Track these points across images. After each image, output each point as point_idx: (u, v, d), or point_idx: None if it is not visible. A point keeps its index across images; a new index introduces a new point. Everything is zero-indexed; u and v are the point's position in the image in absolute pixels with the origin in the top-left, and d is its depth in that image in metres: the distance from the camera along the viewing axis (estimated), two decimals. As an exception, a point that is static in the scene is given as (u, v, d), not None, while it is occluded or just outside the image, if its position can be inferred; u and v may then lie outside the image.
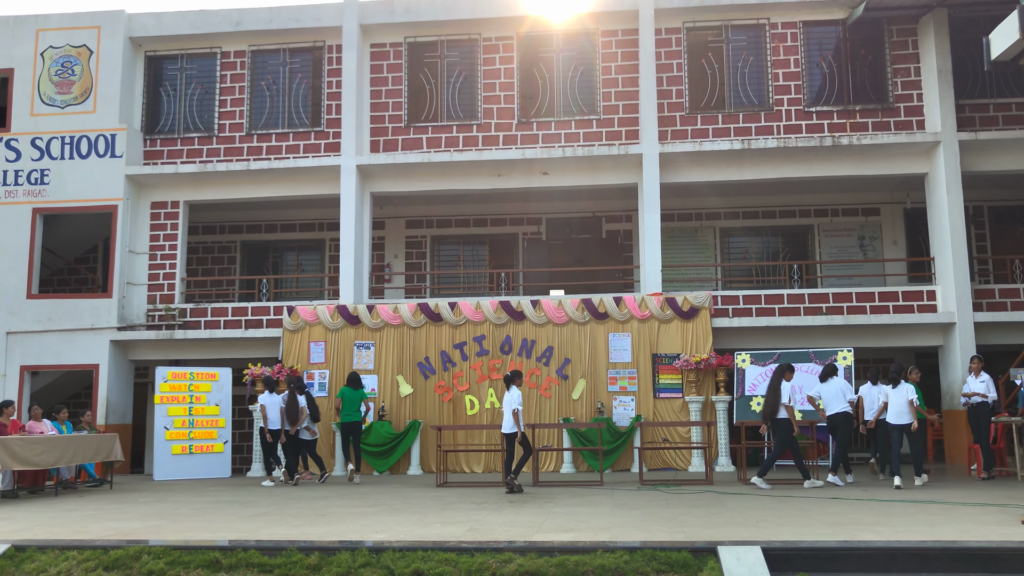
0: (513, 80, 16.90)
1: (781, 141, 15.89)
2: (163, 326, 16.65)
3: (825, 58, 16.52)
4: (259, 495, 11.23)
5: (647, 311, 15.31)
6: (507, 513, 8.70)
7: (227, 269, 19.74)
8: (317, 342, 15.86)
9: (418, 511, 9.03)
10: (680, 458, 14.75)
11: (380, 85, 17.20)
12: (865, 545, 6.30)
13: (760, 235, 18.92)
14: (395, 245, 19.41)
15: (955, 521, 7.57)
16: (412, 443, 15.05)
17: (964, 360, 14.94)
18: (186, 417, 14.78)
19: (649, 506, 9.18)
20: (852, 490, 10.74)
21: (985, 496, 9.77)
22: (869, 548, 6.23)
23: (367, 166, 16.65)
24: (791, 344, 15.56)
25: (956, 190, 15.44)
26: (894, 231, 18.44)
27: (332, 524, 8.07)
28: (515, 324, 15.57)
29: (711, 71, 16.68)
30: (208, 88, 17.57)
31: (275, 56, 17.59)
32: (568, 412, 15.13)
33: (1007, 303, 15.62)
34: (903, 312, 15.61)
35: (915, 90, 16.11)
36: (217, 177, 17.06)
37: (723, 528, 7.36)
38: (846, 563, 6.17)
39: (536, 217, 19.21)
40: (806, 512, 8.36)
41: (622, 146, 16.17)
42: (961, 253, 15.31)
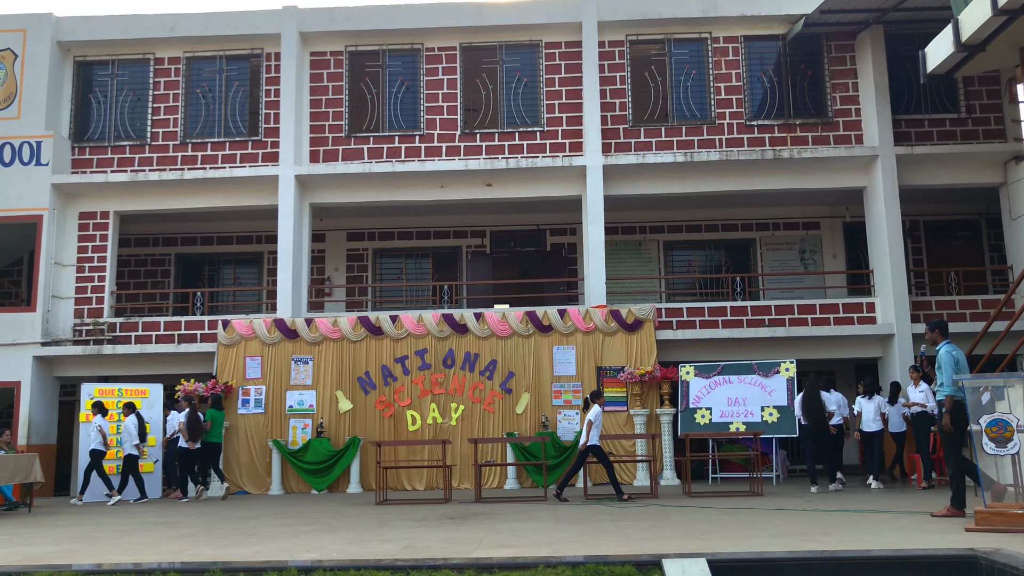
0: (456, 91, 16.71)
1: (723, 154, 15.96)
2: (91, 341, 15.98)
3: (766, 72, 16.68)
4: (188, 515, 10.72)
5: (591, 324, 15.17)
6: (446, 530, 8.40)
7: (161, 283, 19.10)
8: (253, 357, 15.36)
9: (354, 529, 8.67)
10: (625, 472, 14.58)
11: (320, 94, 16.85)
12: (811, 555, 6.16)
13: (703, 248, 18.98)
14: (336, 258, 19.00)
15: (900, 530, 7.50)
16: (352, 460, 14.62)
17: (903, 371, 15.08)
18: (113, 436, 14.12)
19: (593, 520, 8.96)
20: (796, 500, 10.66)
21: (928, 505, 9.76)
22: (815, 558, 6.09)
23: (306, 176, 16.27)
24: (734, 356, 15.54)
25: (894, 203, 15.66)
26: (834, 245, 18.66)
27: (262, 544, 7.67)
28: (458, 337, 15.29)
29: (654, 84, 16.71)
30: (141, 95, 17.02)
31: (211, 63, 17.12)
32: (512, 427, 14.88)
33: (943, 315, 15.80)
34: (844, 324, 15.74)
35: (853, 105, 16.34)
36: (149, 187, 16.50)
37: (668, 541, 7.16)
38: (792, 573, 6.01)
39: (480, 230, 18.99)
40: (751, 524, 8.22)
41: (566, 158, 16.08)
42: (899, 265, 15.51)
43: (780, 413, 13.98)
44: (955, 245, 18.65)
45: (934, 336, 8.92)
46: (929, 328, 9.03)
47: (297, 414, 15.07)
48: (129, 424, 13.60)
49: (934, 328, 8.95)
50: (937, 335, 8.88)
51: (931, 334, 8.97)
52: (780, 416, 13.97)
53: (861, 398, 13.34)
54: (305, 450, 14.67)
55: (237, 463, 14.89)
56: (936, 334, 8.89)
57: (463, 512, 10.30)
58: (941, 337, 8.84)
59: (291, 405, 15.12)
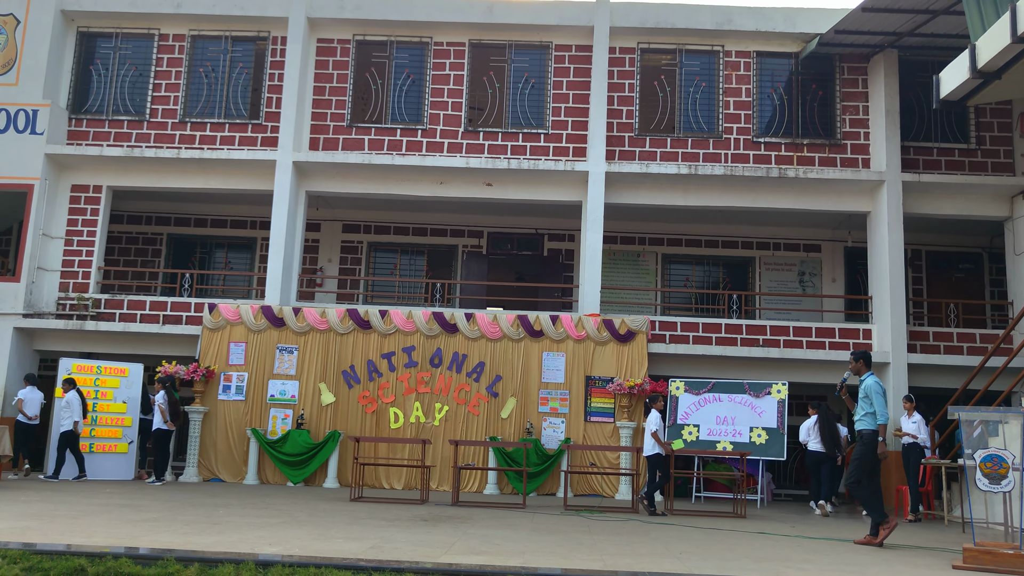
0: (462, 87, 16.47)
1: (728, 169, 15.72)
2: (74, 316, 15.69)
3: (776, 90, 16.45)
4: (156, 499, 10.44)
5: (583, 332, 14.91)
6: (418, 532, 8.13)
7: (151, 263, 18.82)
8: (238, 343, 15.08)
9: (323, 525, 8.40)
10: (608, 485, 14.32)
11: (324, 82, 16.60)
12: (792, 583, 5.90)
13: (702, 264, 18.74)
14: (330, 249, 18.73)
15: (884, 563, 7.24)
16: (330, 454, 14.34)
17: (896, 401, 14.83)
18: (89, 413, 13.83)
19: (570, 532, 8.69)
20: (780, 525, 10.41)
21: (913, 538, 9.52)
22: (796, 587, 5.83)
23: (304, 163, 16.01)
24: (727, 374, 15.30)
25: (897, 230, 15.43)
26: (833, 269, 18.42)
27: (224, 534, 7.40)
28: (447, 337, 15.02)
29: (663, 94, 16.48)
30: (143, 70, 16.76)
31: (216, 43, 16.87)
32: (496, 431, 14.61)
33: (940, 346, 15.60)
34: (839, 349, 15.47)
35: (862, 128, 16.12)
36: (145, 163, 16.23)
37: (644, 559, 6.90)
38: (771, 602, 5.75)
39: (477, 230, 18.74)
40: (731, 546, 7.96)
41: (568, 162, 15.83)
42: (898, 293, 15.27)
43: (769, 435, 13.73)
44: (956, 277, 18.42)
45: (858, 366, 9.03)
46: (854, 357, 9.10)
47: (278, 404, 14.80)
48: (72, 399, 13.39)
49: (859, 358, 9.06)
50: (861, 365, 9.04)
51: (856, 364, 9.06)
52: (769, 438, 13.72)
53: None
54: (284, 441, 14.39)
55: (214, 450, 14.60)
56: (860, 364, 9.04)
57: (438, 514, 10.04)
58: (865, 368, 9.02)
59: (272, 394, 14.84)
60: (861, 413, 8.71)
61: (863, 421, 8.68)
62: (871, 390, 8.72)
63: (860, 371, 8.96)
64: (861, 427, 8.73)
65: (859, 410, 8.76)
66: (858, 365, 9.00)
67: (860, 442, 8.69)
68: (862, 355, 9.06)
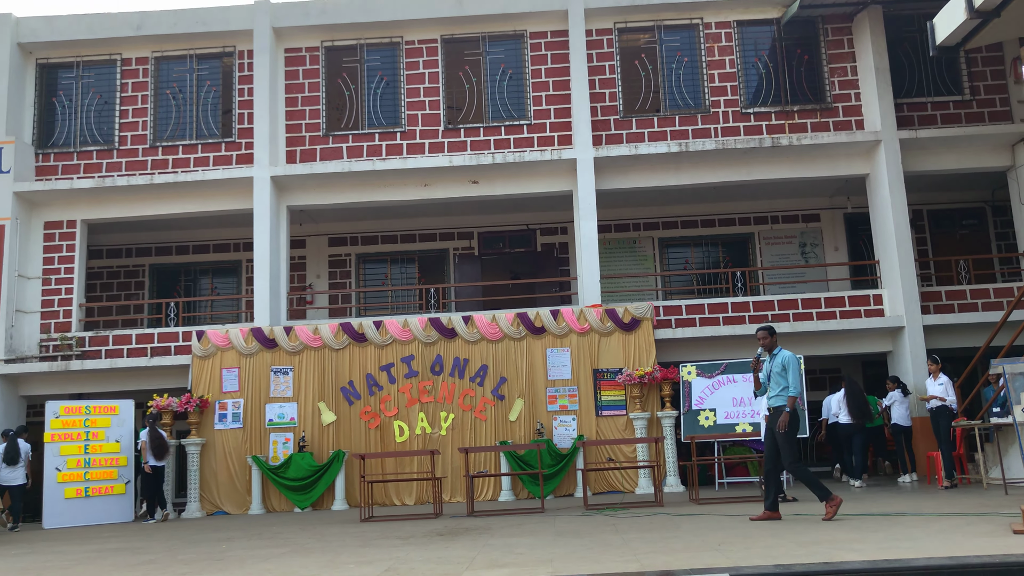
0: (438, 84, 15.95)
1: (719, 143, 15.24)
2: (58, 357, 15.11)
3: (761, 58, 15.98)
4: (155, 539, 9.87)
5: (586, 324, 14.39)
6: (435, 548, 7.58)
7: (135, 296, 18.26)
8: (230, 368, 14.52)
9: (332, 550, 7.85)
10: (627, 480, 13.78)
11: (296, 92, 16.07)
12: (853, 567, 5.37)
13: (700, 245, 18.25)
14: (317, 265, 18.20)
15: (939, 534, 6.72)
16: (336, 475, 13.77)
17: (915, 365, 14.39)
18: (81, 456, 13.26)
19: (596, 532, 8.16)
20: (812, 505, 9.88)
21: (957, 505, 9.01)
22: (858, 570, 5.30)
23: (282, 177, 15.46)
24: (738, 354, 14.78)
25: (899, 190, 14.95)
26: (835, 237, 17.97)
27: (226, 571, 6.84)
28: (446, 342, 14.48)
29: (645, 73, 15.99)
30: (107, 98, 16.20)
31: (181, 63, 16.33)
32: (505, 435, 14.06)
33: (954, 305, 15.14)
34: (850, 317, 15.00)
35: (853, 89, 15.65)
36: (118, 193, 15.67)
37: (682, 554, 6.37)
38: (829, 589, 5.23)
39: (467, 231, 18.23)
40: (772, 532, 7.44)
41: (555, 151, 15.32)
42: (907, 254, 14.79)
43: (789, 412, 13.17)
44: (960, 234, 17.98)
45: (772, 341, 8.67)
46: (767, 332, 8.70)
47: (277, 428, 14.23)
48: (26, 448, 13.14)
49: (772, 332, 8.71)
50: (775, 340, 8.71)
51: (770, 338, 8.68)
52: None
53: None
54: (287, 466, 13.82)
55: (215, 481, 14.03)
56: (774, 339, 8.70)
57: (454, 528, 9.49)
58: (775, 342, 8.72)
59: (271, 418, 14.28)
60: (778, 389, 8.41)
61: (781, 398, 8.41)
62: (790, 362, 8.47)
63: (772, 346, 8.66)
64: (780, 403, 8.41)
65: (775, 386, 8.44)
66: (772, 340, 8.67)
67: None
68: (772, 329, 8.77)
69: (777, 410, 8.40)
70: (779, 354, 8.54)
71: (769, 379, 8.55)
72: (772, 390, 8.48)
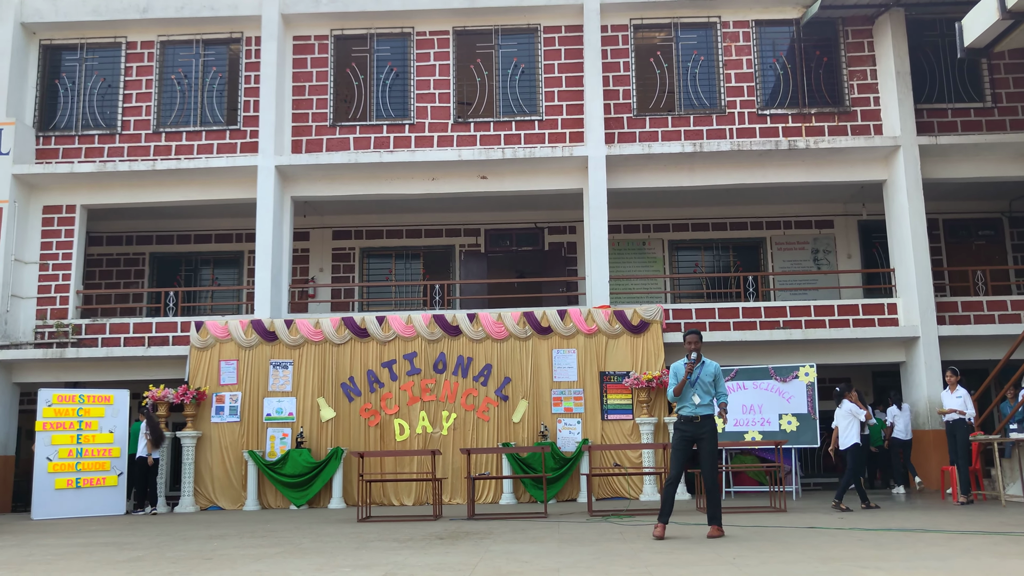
0: (449, 77, 15.63)
1: (734, 145, 14.91)
2: (54, 344, 14.79)
3: (779, 59, 15.65)
4: (145, 535, 9.55)
5: (594, 325, 14.06)
6: (434, 553, 7.25)
7: (134, 284, 17.94)
8: (228, 361, 14.20)
9: (327, 552, 7.52)
10: (631, 486, 13.45)
11: (303, 81, 15.76)
12: (881, 588, 5.03)
13: (711, 248, 17.92)
14: (320, 258, 17.88)
15: (966, 554, 6.38)
16: (334, 473, 13.44)
17: (929, 376, 14.06)
18: (73, 446, 12.94)
19: (602, 540, 7.82)
20: (825, 518, 9.55)
21: (978, 523, 8.67)
22: (888, 592, 4.96)
23: (287, 167, 15.15)
24: (749, 360, 14.47)
25: (917, 197, 14.61)
26: (848, 244, 17.63)
27: (215, 570, 6.51)
28: (450, 340, 14.16)
29: (660, 71, 15.67)
30: (111, 81, 15.90)
31: (187, 48, 16.02)
32: (509, 436, 13.73)
33: (970, 316, 14.79)
34: (864, 326, 14.66)
35: (872, 93, 15.32)
36: (119, 178, 15.36)
37: (694, 568, 6.04)
38: (856, 611, 4.89)
39: (474, 228, 17.91)
40: (787, 545, 7.10)
41: (566, 148, 14.98)
42: (923, 263, 14.45)
43: (800, 421, 12.88)
44: (976, 244, 17.62)
45: (699, 345, 8.21)
46: (699, 337, 8.26)
47: (275, 423, 13.90)
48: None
49: (701, 337, 8.29)
50: (700, 345, 8.24)
51: (699, 343, 8.23)
52: (800, 424, 12.87)
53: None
54: (283, 462, 13.49)
55: (210, 476, 13.70)
56: (700, 343, 8.24)
57: (454, 531, 9.16)
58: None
59: (269, 413, 13.95)
60: (708, 399, 8.00)
61: (709, 407, 8.01)
62: (719, 372, 8.17)
63: (700, 350, 8.20)
64: (709, 412, 8.03)
65: (704, 395, 8.00)
66: (699, 344, 8.22)
67: (712, 434, 8.00)
68: (700, 334, 8.35)
69: (706, 419, 8.00)
70: (708, 363, 8.17)
71: (694, 386, 8.08)
72: (702, 399, 8.04)
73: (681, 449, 8.07)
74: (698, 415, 7.99)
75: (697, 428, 7.99)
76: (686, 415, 8.06)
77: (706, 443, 7.97)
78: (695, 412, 8.00)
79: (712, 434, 8.01)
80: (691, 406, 8.01)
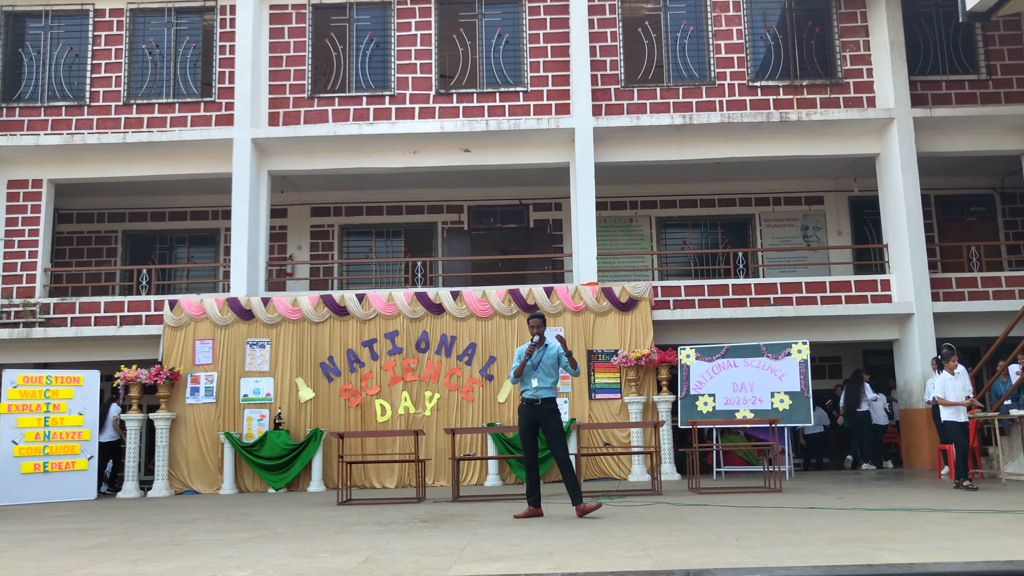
0: (431, 47, 15.11)
1: (724, 117, 14.51)
2: (20, 324, 14.22)
3: (770, 29, 15.23)
4: (113, 519, 9.09)
5: (581, 303, 13.66)
6: (418, 537, 6.85)
7: (106, 263, 17.35)
8: (204, 340, 13.70)
9: (305, 536, 7.10)
10: (620, 466, 13.10)
11: (280, 51, 15.19)
12: (902, 571, 4.67)
13: (699, 225, 17.55)
14: (299, 235, 17.37)
15: (981, 534, 6.06)
16: (313, 455, 13.01)
17: (923, 354, 13.78)
18: (40, 429, 12.42)
19: (595, 523, 7.45)
20: (825, 498, 9.23)
21: (982, 502, 8.37)
22: (912, 575, 4.60)
23: (264, 140, 14.61)
24: (739, 338, 14.15)
25: (911, 171, 14.28)
26: (839, 220, 17.33)
27: (184, 557, 6.07)
28: (433, 318, 13.72)
29: (648, 41, 15.21)
30: (79, 51, 15.26)
31: (158, 16, 15.40)
32: (494, 417, 13.34)
33: (964, 293, 14.51)
34: (856, 303, 14.34)
35: (865, 64, 14.94)
36: (88, 151, 14.77)
37: (697, 550, 5.67)
38: (875, 595, 4.53)
39: (457, 205, 17.44)
40: (792, 527, 6.75)
41: (552, 120, 14.53)
42: (918, 238, 14.14)
43: (792, 399, 12.55)
44: (968, 221, 17.36)
45: (542, 329, 8.10)
46: (542, 321, 8.12)
47: (252, 404, 13.44)
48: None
49: (544, 321, 8.15)
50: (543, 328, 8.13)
51: (544, 327, 8.12)
52: (793, 402, 12.54)
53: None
54: (261, 444, 13.04)
55: (185, 459, 13.23)
56: (544, 327, 8.13)
57: (439, 513, 8.76)
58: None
59: (246, 394, 13.48)
60: (550, 382, 8.02)
61: (550, 390, 8.02)
62: (562, 355, 8.14)
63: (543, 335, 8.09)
64: (550, 395, 7.98)
65: (544, 379, 7.98)
66: (543, 328, 8.10)
67: (556, 413, 8.00)
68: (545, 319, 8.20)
69: (546, 401, 7.95)
70: (550, 347, 8.08)
71: (536, 369, 8.00)
72: (542, 381, 7.98)
73: (526, 433, 8.09)
74: (538, 397, 7.99)
75: (537, 410, 7.99)
76: (527, 398, 8.06)
77: (548, 424, 7.96)
78: (535, 395, 8.00)
79: (552, 414, 7.99)
80: (531, 389, 8.02)
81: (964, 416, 10.21)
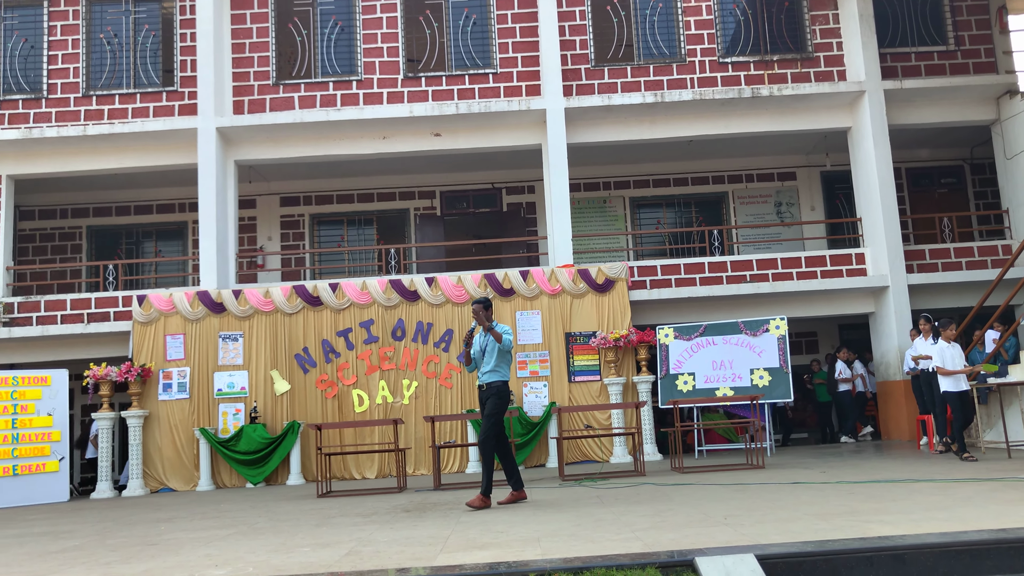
0: (397, 30, 14.85)
1: (696, 94, 14.40)
2: (-17, 325, 13.86)
3: (739, 4, 15.13)
4: (86, 522, 8.86)
5: (558, 285, 13.55)
6: (401, 527, 6.71)
7: (72, 260, 16.96)
8: (175, 335, 13.42)
9: (285, 531, 6.93)
10: (601, 448, 13.04)
11: (243, 38, 14.85)
12: (895, 543, 4.61)
13: (672, 205, 17.47)
14: (269, 226, 17.08)
15: (970, 503, 6.03)
16: (291, 448, 12.81)
17: (899, 326, 13.83)
18: (8, 431, 12.11)
19: (580, 506, 7.36)
20: (809, 473, 9.21)
21: (965, 471, 8.38)
22: (901, 546, 4.54)
23: (229, 129, 14.30)
24: (717, 315, 14.11)
25: (883, 143, 14.28)
26: (812, 196, 17.32)
27: (159, 557, 5.89)
28: (408, 306, 13.55)
29: (617, 19, 15.06)
30: (34, 42, 14.83)
31: (115, 5, 15.00)
32: (472, 403, 13.19)
33: (937, 264, 14.58)
34: (832, 277, 14.35)
35: (835, 38, 14.89)
36: (47, 145, 14.38)
37: (686, 530, 5.58)
38: (868, 568, 4.46)
39: (429, 190, 17.23)
40: (779, 503, 6.69)
41: (523, 101, 14.34)
42: (891, 211, 14.15)
43: (772, 375, 12.54)
44: (939, 192, 17.43)
45: (488, 314, 7.94)
46: (484, 305, 7.95)
47: (227, 398, 13.21)
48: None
49: (488, 306, 7.97)
50: (490, 313, 7.97)
51: (485, 312, 7.93)
52: (772, 379, 12.53)
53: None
54: (237, 438, 12.82)
55: (159, 456, 12.98)
56: (489, 312, 7.96)
57: (421, 502, 8.63)
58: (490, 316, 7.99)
59: (220, 388, 13.24)
60: (493, 364, 7.86)
61: (497, 372, 7.87)
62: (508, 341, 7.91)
63: (487, 320, 7.91)
64: (493, 379, 7.85)
65: (490, 362, 7.87)
66: (488, 314, 7.93)
67: (495, 396, 7.80)
68: (489, 303, 8.01)
69: (490, 385, 7.85)
70: (495, 328, 7.90)
71: (483, 354, 7.93)
72: (486, 365, 7.91)
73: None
74: (483, 383, 7.93)
75: (483, 395, 7.92)
76: (479, 383, 8.01)
77: (486, 407, 7.84)
78: (481, 380, 7.96)
79: (493, 396, 7.83)
80: (481, 374, 7.95)
81: (965, 384, 10.07)
